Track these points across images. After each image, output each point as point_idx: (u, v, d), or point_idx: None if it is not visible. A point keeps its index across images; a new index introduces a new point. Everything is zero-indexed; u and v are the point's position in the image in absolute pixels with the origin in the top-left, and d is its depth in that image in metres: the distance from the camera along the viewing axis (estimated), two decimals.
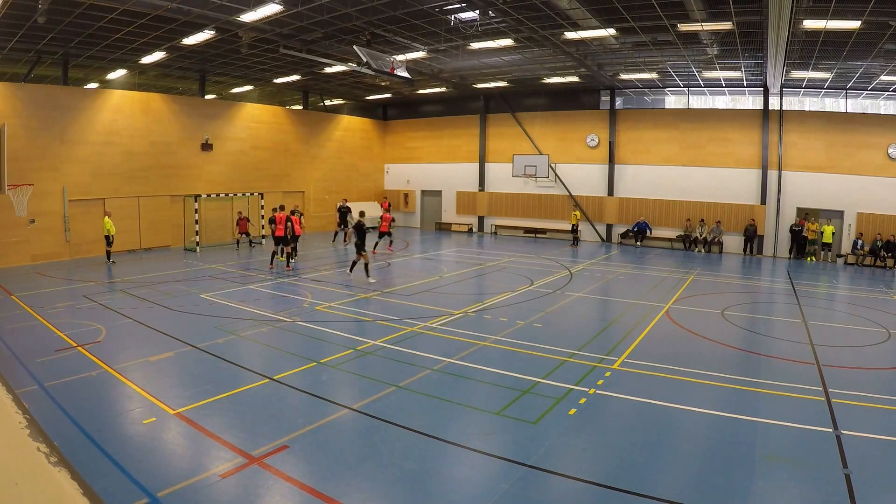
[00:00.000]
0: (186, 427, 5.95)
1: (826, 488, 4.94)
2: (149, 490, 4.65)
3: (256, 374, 7.61)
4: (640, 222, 23.25)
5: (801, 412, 6.63)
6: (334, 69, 19.63)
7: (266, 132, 24.42)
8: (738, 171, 21.75)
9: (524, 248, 22.09)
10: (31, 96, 16.93)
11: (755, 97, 22.04)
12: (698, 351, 9.25)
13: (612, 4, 12.89)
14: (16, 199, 15.38)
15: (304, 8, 13.33)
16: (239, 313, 10.97)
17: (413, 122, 30.02)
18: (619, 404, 6.90)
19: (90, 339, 9.02)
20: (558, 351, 8.83)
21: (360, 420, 6.26)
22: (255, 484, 4.88)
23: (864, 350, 9.50)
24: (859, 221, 19.79)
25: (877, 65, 16.32)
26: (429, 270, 16.91)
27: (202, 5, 13.21)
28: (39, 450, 1.10)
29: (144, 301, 11.89)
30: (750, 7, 12.39)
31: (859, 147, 19.84)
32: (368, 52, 15.21)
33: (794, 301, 13.37)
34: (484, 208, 27.50)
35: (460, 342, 9.23)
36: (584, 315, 11.92)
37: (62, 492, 1.00)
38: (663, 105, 24.51)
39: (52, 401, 6.54)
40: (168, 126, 20.52)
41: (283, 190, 24.94)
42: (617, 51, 17.35)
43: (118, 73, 20.54)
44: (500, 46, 16.95)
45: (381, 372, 7.82)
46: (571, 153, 25.17)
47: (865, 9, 11.76)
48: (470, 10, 13.60)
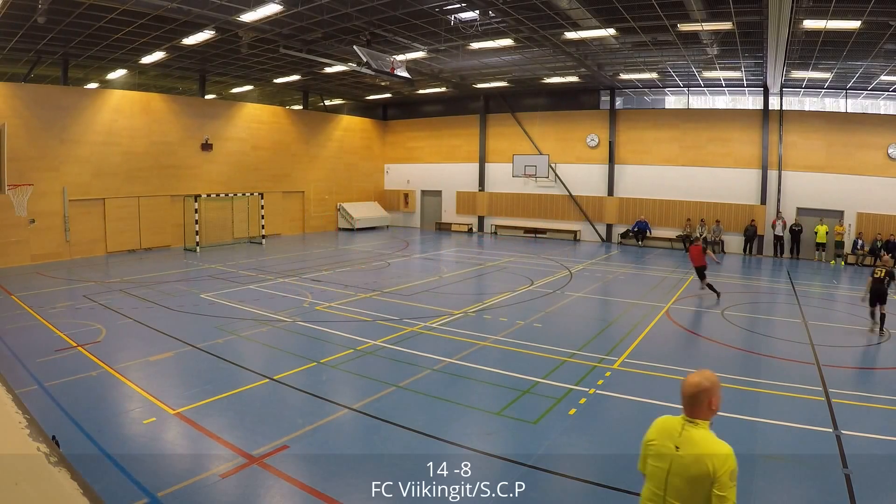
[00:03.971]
0: (186, 427, 5.95)
1: (826, 488, 4.94)
2: (149, 490, 4.65)
3: (256, 374, 7.61)
4: (640, 222, 23.24)
5: (801, 412, 6.63)
6: (334, 69, 19.62)
7: (266, 132, 24.41)
8: (738, 171, 21.74)
9: (524, 248, 22.09)
10: (31, 96, 16.93)
11: (755, 97, 22.03)
12: (698, 351, 9.25)
13: (612, 4, 12.89)
14: (16, 199, 15.37)
15: (304, 8, 13.33)
16: (239, 313, 10.97)
17: (413, 122, 30.01)
18: (619, 404, 6.90)
19: (90, 339, 9.02)
20: (558, 351, 8.83)
21: (360, 420, 6.26)
22: (255, 484, 4.88)
23: (864, 350, 9.50)
24: (859, 221, 19.78)
25: (877, 65, 16.32)
26: (429, 270, 16.91)
27: (202, 5, 13.20)
28: (39, 450, 1.11)
29: (144, 301, 11.89)
30: (750, 7, 12.38)
31: (859, 147, 19.82)
32: (368, 52, 15.21)
33: (794, 301, 13.37)
34: (484, 208, 27.50)
35: (460, 342, 9.23)
36: (584, 315, 11.92)
37: (62, 492, 1.00)
38: (663, 105, 24.51)
39: (52, 401, 6.54)
40: (168, 126, 20.52)
41: (284, 190, 24.96)
42: (617, 51, 17.34)
43: (118, 73, 20.54)
44: (500, 46, 16.94)
45: (381, 372, 7.82)
46: (571, 153, 25.16)
47: (865, 9, 11.75)
48: (470, 10, 13.59)
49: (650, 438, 2.86)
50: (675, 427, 2.76)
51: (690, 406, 2.74)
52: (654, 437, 2.84)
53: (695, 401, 2.72)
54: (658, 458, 2.78)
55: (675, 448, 2.72)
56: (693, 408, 2.73)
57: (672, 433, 2.76)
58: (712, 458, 2.61)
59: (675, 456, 2.71)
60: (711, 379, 2.74)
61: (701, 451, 2.65)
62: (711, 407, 2.72)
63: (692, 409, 2.73)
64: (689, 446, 2.68)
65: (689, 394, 2.73)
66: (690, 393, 2.73)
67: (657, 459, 2.78)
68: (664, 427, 2.82)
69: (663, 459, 2.75)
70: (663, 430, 2.82)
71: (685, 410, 2.76)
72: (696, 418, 2.73)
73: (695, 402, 2.72)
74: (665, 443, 2.77)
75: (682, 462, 2.68)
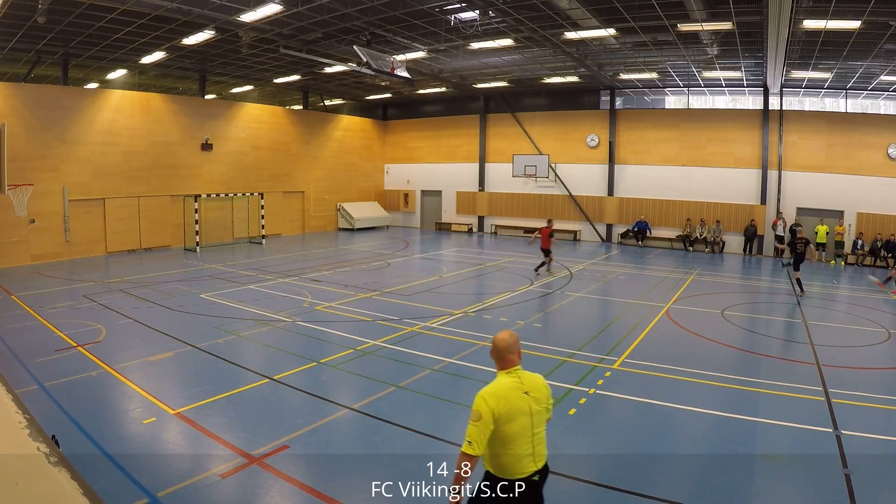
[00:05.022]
0: (186, 427, 5.95)
1: (826, 488, 4.94)
2: (149, 490, 4.65)
3: (256, 374, 7.61)
4: (640, 222, 23.25)
5: (801, 412, 6.63)
6: (334, 69, 19.62)
7: (266, 132, 24.42)
8: (738, 171, 21.75)
9: (524, 248, 22.08)
10: (31, 96, 16.93)
11: (755, 97, 22.03)
12: (698, 351, 9.25)
13: (612, 4, 12.89)
14: (16, 199, 15.37)
15: (304, 8, 13.33)
16: (239, 313, 10.97)
17: (413, 122, 30.01)
18: (619, 404, 6.90)
19: (90, 339, 9.02)
20: (558, 351, 8.82)
21: (360, 420, 6.26)
22: (255, 484, 4.88)
23: (864, 350, 9.50)
24: (859, 221, 19.78)
25: (877, 65, 16.32)
26: (429, 270, 16.92)
27: (202, 5, 13.21)
28: (39, 450, 1.10)
29: (144, 301, 11.89)
30: (750, 7, 12.39)
31: (859, 147, 19.83)
32: (368, 52, 15.21)
33: (794, 301, 13.37)
34: (484, 208, 27.50)
35: (460, 342, 9.23)
36: (584, 315, 11.92)
37: (62, 492, 1.00)
38: (663, 105, 24.51)
39: (52, 401, 6.54)
40: (168, 126, 20.52)
41: (283, 190, 24.96)
42: (617, 51, 17.34)
43: (118, 73, 20.54)
44: (500, 46, 16.94)
45: (381, 372, 7.82)
46: (571, 153, 25.17)
47: (865, 9, 11.75)
48: (470, 10, 13.59)
49: (497, 410, 3.15)
50: (514, 382, 3.26)
51: (517, 356, 3.33)
52: (502, 404, 3.18)
53: (517, 350, 3.32)
54: (519, 413, 3.19)
55: (525, 393, 3.25)
56: (516, 356, 3.32)
57: (515, 388, 3.25)
58: (545, 388, 3.39)
59: (530, 399, 3.25)
60: (514, 334, 3.36)
61: (540, 385, 3.35)
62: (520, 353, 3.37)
63: (516, 358, 3.32)
64: (533, 387, 3.29)
65: (516, 348, 3.33)
66: (516, 347, 3.32)
67: (519, 415, 3.19)
68: (502, 391, 3.22)
69: (523, 410, 3.21)
70: (506, 393, 3.22)
71: (514, 362, 3.31)
72: (518, 365, 3.33)
73: (516, 351, 3.32)
74: (518, 400, 3.22)
75: (536, 398, 3.28)
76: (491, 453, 3.25)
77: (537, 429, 3.28)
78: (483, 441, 3.15)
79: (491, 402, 3.16)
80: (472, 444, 3.14)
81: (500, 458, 3.25)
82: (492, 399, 3.17)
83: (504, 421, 3.16)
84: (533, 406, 3.24)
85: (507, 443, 3.19)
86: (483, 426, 3.13)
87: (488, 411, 3.14)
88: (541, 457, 3.33)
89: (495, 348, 3.34)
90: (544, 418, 3.35)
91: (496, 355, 3.34)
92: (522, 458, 3.25)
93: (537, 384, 3.34)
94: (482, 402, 3.17)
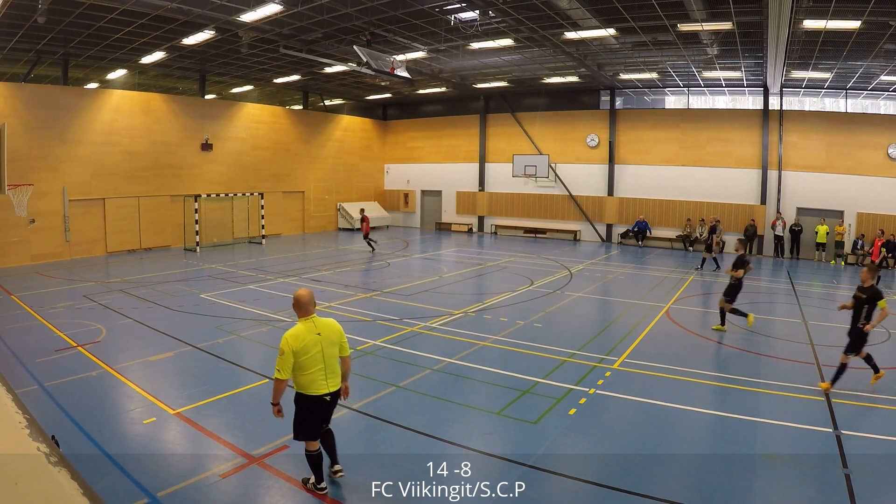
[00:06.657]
0: (186, 427, 5.95)
1: (826, 488, 4.94)
2: (149, 490, 4.66)
3: (256, 374, 7.61)
4: (640, 222, 23.25)
5: (801, 412, 6.63)
6: (334, 69, 19.62)
7: (266, 132, 24.41)
8: (738, 171, 21.74)
9: (524, 248, 22.09)
10: (31, 96, 16.92)
11: (755, 97, 22.03)
12: (698, 351, 9.25)
13: (612, 4, 12.89)
14: (16, 199, 15.37)
15: (304, 8, 13.33)
16: (239, 313, 10.97)
17: (413, 122, 30.01)
18: (619, 404, 6.90)
19: (90, 339, 9.02)
20: (558, 351, 8.83)
21: (360, 420, 6.26)
22: (255, 484, 4.88)
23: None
24: (859, 221, 19.78)
25: (877, 65, 16.32)
26: (429, 270, 16.92)
27: (202, 5, 13.20)
28: (39, 450, 1.10)
29: (144, 301, 11.89)
30: (750, 7, 12.38)
31: (859, 147, 19.82)
32: (368, 52, 15.20)
33: (793, 301, 13.37)
34: (484, 208, 27.50)
35: (460, 342, 9.23)
36: (584, 315, 11.92)
37: (62, 492, 1.00)
38: (663, 105, 24.51)
39: (52, 401, 6.54)
40: (168, 126, 20.52)
41: (284, 190, 24.96)
42: (617, 51, 17.34)
43: (118, 73, 20.54)
44: (500, 46, 16.94)
45: (381, 372, 7.82)
46: (571, 153, 25.16)
47: (865, 9, 11.76)
48: (470, 10, 13.59)
49: (295, 346, 4.37)
50: (309, 327, 4.47)
51: (312, 306, 4.58)
52: (300, 342, 4.39)
53: (312, 301, 4.57)
54: (314, 346, 4.43)
55: (318, 334, 4.48)
56: (312, 306, 4.57)
57: (310, 330, 4.47)
58: (337, 329, 4.64)
59: (321, 339, 4.48)
60: (311, 292, 4.62)
61: (331, 327, 4.60)
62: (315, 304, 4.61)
63: (311, 309, 4.56)
64: (324, 329, 4.54)
65: (312, 303, 4.59)
66: (312, 302, 4.58)
67: (313, 347, 4.42)
68: (301, 333, 4.43)
69: (316, 345, 4.44)
70: (303, 334, 4.43)
71: (310, 312, 4.55)
72: (314, 314, 4.57)
73: (312, 302, 4.57)
74: (311, 338, 4.44)
75: (327, 339, 4.51)
76: (295, 376, 4.45)
77: (329, 360, 4.50)
78: (288, 368, 4.37)
79: (291, 342, 4.36)
80: (280, 371, 4.38)
81: (300, 379, 4.46)
82: (291, 339, 4.37)
83: (300, 354, 4.37)
84: (323, 342, 4.47)
85: (303, 368, 4.41)
86: (286, 358, 4.34)
87: (288, 348, 4.35)
88: (334, 384, 4.57)
89: (297, 303, 4.53)
90: (335, 352, 4.56)
91: (297, 308, 4.54)
92: (316, 380, 4.47)
93: (330, 327, 4.57)
94: (284, 342, 4.37)
